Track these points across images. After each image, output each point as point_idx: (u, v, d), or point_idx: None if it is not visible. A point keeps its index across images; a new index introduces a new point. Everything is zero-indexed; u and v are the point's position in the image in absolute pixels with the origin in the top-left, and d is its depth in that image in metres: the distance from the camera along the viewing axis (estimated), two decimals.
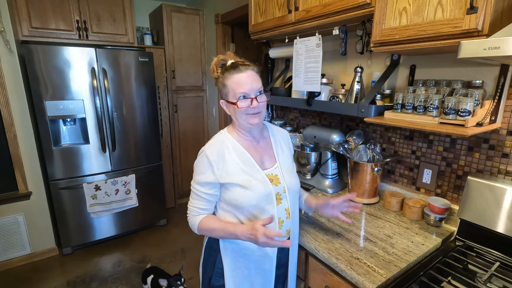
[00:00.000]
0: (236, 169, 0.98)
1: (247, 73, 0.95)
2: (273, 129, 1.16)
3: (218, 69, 1.01)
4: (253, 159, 1.02)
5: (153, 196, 2.89)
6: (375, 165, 1.42)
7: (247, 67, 0.96)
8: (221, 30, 2.93)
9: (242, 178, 0.98)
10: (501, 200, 1.04)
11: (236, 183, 0.97)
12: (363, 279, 0.93)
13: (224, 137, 1.04)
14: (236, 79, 0.95)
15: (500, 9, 0.86)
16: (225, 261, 1.05)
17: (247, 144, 1.04)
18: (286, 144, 1.16)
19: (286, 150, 1.14)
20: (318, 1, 1.34)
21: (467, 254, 1.08)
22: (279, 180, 1.04)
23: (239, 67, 0.96)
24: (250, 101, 0.95)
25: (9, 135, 2.20)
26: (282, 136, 1.17)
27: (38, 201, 2.41)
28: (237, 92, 0.95)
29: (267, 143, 1.10)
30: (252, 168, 1.01)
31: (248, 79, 0.95)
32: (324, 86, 1.65)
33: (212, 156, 0.97)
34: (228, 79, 0.96)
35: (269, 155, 1.08)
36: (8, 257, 2.37)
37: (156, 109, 2.75)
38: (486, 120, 1.04)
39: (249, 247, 1.03)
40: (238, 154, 1.01)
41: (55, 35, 2.39)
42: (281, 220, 1.03)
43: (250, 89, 0.95)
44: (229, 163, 0.98)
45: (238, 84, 0.95)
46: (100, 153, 2.50)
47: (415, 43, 1.04)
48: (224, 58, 1.01)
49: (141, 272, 2.30)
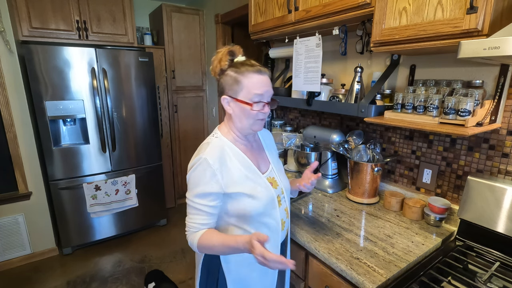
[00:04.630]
0: (241, 176, 0.92)
1: (266, 76, 0.91)
2: (261, 131, 1.13)
3: (226, 61, 0.92)
4: (252, 163, 0.97)
5: (153, 196, 2.89)
6: (375, 165, 1.42)
7: (266, 70, 0.92)
8: (221, 30, 2.93)
9: (247, 186, 0.92)
10: (501, 200, 1.04)
11: (242, 192, 0.91)
12: (363, 279, 0.93)
13: (221, 141, 0.95)
14: (255, 79, 0.89)
15: (500, 9, 0.86)
16: (228, 274, 0.98)
17: (244, 148, 0.99)
18: (271, 144, 1.15)
19: (273, 151, 1.13)
20: (318, 1, 1.34)
21: (467, 254, 1.08)
22: (277, 183, 1.02)
23: (257, 67, 0.90)
24: (263, 105, 0.91)
25: (9, 135, 2.20)
26: (268, 136, 1.16)
27: (38, 201, 2.41)
28: (254, 94, 0.89)
29: (258, 145, 1.08)
30: (254, 173, 0.96)
31: (266, 82, 0.91)
32: (324, 86, 1.65)
33: (215, 164, 0.88)
34: (245, 76, 0.89)
35: (263, 158, 1.05)
36: (8, 257, 2.37)
37: (156, 109, 2.75)
38: (486, 120, 1.04)
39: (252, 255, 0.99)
40: (239, 160, 0.94)
41: (55, 35, 2.39)
42: (283, 221, 1.02)
43: (267, 93, 0.91)
44: (233, 170, 0.91)
45: (257, 85, 0.89)
46: (100, 153, 2.50)
47: (415, 43, 1.04)
48: (234, 50, 0.94)
49: (141, 272, 2.31)
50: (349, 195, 1.53)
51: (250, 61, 0.92)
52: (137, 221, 2.83)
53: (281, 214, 1.01)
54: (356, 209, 1.43)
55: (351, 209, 1.42)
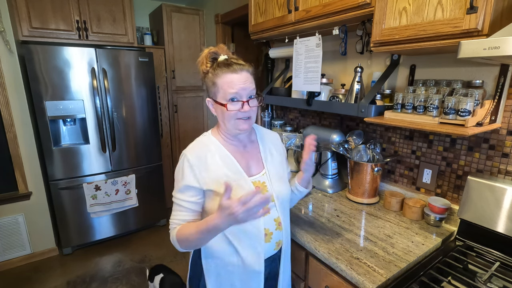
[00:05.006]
0: (219, 174, 0.90)
1: (241, 74, 0.87)
2: (262, 133, 1.08)
3: (208, 63, 0.91)
4: (238, 164, 0.94)
5: (153, 196, 2.89)
6: (375, 165, 1.42)
7: (242, 67, 0.88)
8: (221, 30, 2.93)
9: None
10: (501, 200, 1.04)
11: (216, 190, 0.89)
12: (363, 279, 0.93)
13: (207, 139, 0.96)
14: (228, 78, 0.86)
15: (500, 9, 0.86)
16: (209, 280, 0.97)
17: (232, 149, 0.96)
18: (276, 148, 1.08)
19: (276, 155, 1.05)
20: (318, 1, 1.34)
21: (467, 254, 1.08)
22: (266, 188, 0.96)
23: (233, 66, 0.87)
24: (241, 104, 0.87)
25: (9, 135, 2.20)
26: (272, 140, 1.09)
27: (38, 201, 2.41)
28: (228, 93, 0.86)
29: (254, 147, 1.02)
30: (237, 174, 0.92)
31: (241, 80, 0.87)
32: (324, 86, 1.65)
33: (192, 159, 0.89)
34: (219, 77, 0.87)
35: (257, 161, 1.00)
36: (8, 257, 2.37)
37: (156, 109, 2.75)
38: (486, 120, 1.04)
39: (232, 263, 0.94)
40: (222, 158, 0.92)
41: (55, 35, 2.39)
42: (269, 232, 0.95)
43: (244, 91, 0.87)
44: (212, 167, 0.90)
45: (230, 84, 0.86)
46: (100, 153, 2.50)
47: (415, 43, 1.04)
48: (215, 51, 0.92)
49: (141, 272, 2.30)
50: (349, 195, 1.53)
51: (228, 60, 0.89)
52: (137, 221, 2.83)
53: (266, 223, 0.94)
54: (356, 209, 1.43)
55: (351, 209, 1.42)
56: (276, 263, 1.04)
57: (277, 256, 1.03)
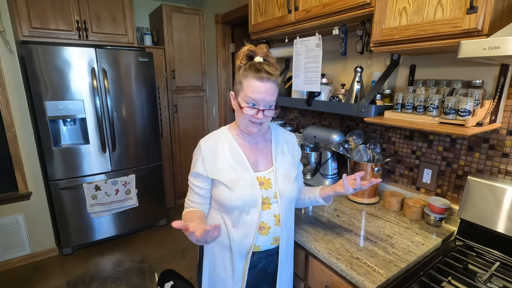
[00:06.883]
0: (225, 166, 0.98)
1: (266, 84, 0.90)
2: (278, 133, 1.12)
3: (243, 60, 0.96)
4: (246, 158, 1.00)
5: (153, 196, 2.89)
6: (375, 165, 1.42)
7: (269, 77, 0.91)
8: (221, 30, 2.93)
9: (229, 176, 0.96)
10: (501, 200, 1.04)
11: (222, 181, 0.97)
12: (363, 279, 0.93)
13: (222, 132, 1.04)
14: (252, 84, 0.90)
15: (500, 9, 0.86)
16: (206, 259, 1.08)
17: (244, 144, 1.03)
18: (290, 149, 1.11)
19: (287, 156, 1.09)
20: (318, 1, 1.34)
21: (467, 254, 1.08)
22: (270, 185, 1.00)
23: (262, 73, 0.90)
24: (257, 111, 0.93)
25: (9, 135, 2.20)
26: (288, 141, 1.13)
27: (38, 201, 2.41)
28: (248, 97, 0.92)
29: (267, 146, 1.07)
30: (243, 167, 0.99)
31: (263, 90, 0.91)
32: (324, 86, 1.65)
33: (205, 149, 0.99)
34: (246, 78, 0.92)
35: (266, 158, 1.05)
36: (8, 257, 2.37)
37: (156, 109, 2.75)
38: (486, 120, 1.04)
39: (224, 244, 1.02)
40: (231, 151, 1.00)
41: (55, 35, 2.39)
42: (267, 226, 0.99)
43: (262, 101, 0.92)
44: (220, 159, 0.98)
45: (252, 90, 0.91)
46: (100, 153, 2.50)
47: (415, 43, 1.04)
48: (254, 50, 0.96)
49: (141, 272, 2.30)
50: (349, 195, 1.53)
51: (260, 65, 0.92)
52: (137, 221, 2.83)
53: (265, 217, 0.99)
54: (356, 209, 1.43)
55: (351, 209, 1.42)
56: (273, 258, 1.06)
57: (274, 252, 1.05)
